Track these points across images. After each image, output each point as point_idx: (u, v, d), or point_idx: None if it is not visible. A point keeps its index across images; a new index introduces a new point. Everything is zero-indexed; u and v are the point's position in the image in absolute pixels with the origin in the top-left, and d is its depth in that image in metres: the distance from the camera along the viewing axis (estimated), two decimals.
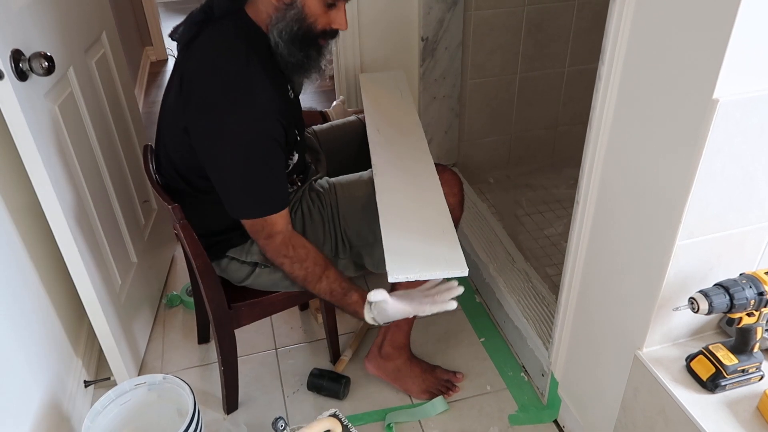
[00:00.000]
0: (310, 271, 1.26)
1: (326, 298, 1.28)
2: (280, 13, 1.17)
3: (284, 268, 1.27)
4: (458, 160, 2.35)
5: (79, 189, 1.42)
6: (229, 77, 1.16)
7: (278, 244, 1.24)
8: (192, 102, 1.17)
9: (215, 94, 1.15)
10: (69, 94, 1.41)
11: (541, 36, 2.18)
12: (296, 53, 1.20)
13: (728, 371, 1.01)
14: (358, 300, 1.25)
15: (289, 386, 1.65)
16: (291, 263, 1.25)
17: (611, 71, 1.04)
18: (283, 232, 1.24)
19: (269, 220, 1.22)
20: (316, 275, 1.26)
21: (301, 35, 1.18)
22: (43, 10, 1.31)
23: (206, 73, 1.17)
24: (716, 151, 0.88)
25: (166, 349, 1.78)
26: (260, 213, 1.21)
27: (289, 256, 1.25)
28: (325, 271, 1.26)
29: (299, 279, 1.27)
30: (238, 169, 1.18)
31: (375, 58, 2.05)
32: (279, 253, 1.25)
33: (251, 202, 1.22)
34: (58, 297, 1.51)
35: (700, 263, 1.01)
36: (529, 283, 1.75)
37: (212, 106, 1.15)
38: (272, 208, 1.22)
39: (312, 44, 1.21)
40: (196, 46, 1.21)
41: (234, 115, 1.14)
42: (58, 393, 1.42)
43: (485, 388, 1.63)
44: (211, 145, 1.17)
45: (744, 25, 0.78)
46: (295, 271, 1.26)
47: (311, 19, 1.17)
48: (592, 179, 1.17)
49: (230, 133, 1.15)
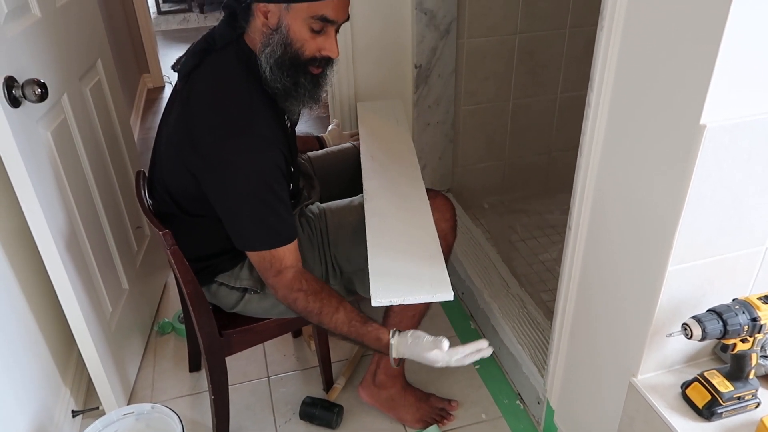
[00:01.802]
0: (326, 302, 1.21)
1: (344, 331, 1.21)
2: (266, 38, 1.16)
3: (298, 304, 1.21)
4: (452, 186, 2.35)
5: (71, 215, 1.41)
6: (230, 110, 1.15)
7: (290, 279, 1.20)
8: (197, 141, 1.16)
9: (219, 130, 1.14)
10: (62, 121, 1.41)
11: (534, 63, 2.21)
12: (283, 79, 1.17)
13: (724, 398, 0.99)
14: (380, 327, 1.21)
15: (281, 415, 1.62)
16: (306, 296, 1.20)
17: (600, 98, 1.05)
18: (294, 266, 1.21)
19: (277, 255, 1.19)
20: (332, 306, 1.21)
21: (288, 60, 1.16)
22: (38, 38, 1.32)
23: (208, 107, 1.17)
24: (705, 177, 0.88)
25: (157, 377, 1.76)
26: (268, 245, 1.18)
27: (303, 289, 1.20)
28: (341, 302, 1.22)
29: (314, 313, 1.21)
30: (246, 201, 1.16)
31: (369, 86, 2.06)
32: (292, 288, 1.20)
33: (259, 234, 1.19)
34: (47, 324, 1.49)
35: (693, 289, 1.01)
36: (524, 309, 1.74)
37: (217, 144, 1.14)
38: (280, 240, 1.19)
39: (301, 71, 1.18)
40: (197, 77, 1.20)
41: (239, 148, 1.13)
42: (44, 423, 1.39)
43: (480, 417, 1.60)
44: (220, 184, 1.16)
45: (729, 51, 0.79)
46: (310, 304, 1.21)
47: (298, 44, 1.15)
48: (583, 205, 1.17)
49: (237, 166, 1.13)
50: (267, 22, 1.15)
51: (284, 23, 1.14)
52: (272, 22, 1.15)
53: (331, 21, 1.14)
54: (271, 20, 1.15)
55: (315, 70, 1.20)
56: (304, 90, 1.20)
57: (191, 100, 1.19)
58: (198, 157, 1.17)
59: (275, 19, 1.14)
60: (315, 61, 1.19)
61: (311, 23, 1.13)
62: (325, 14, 1.13)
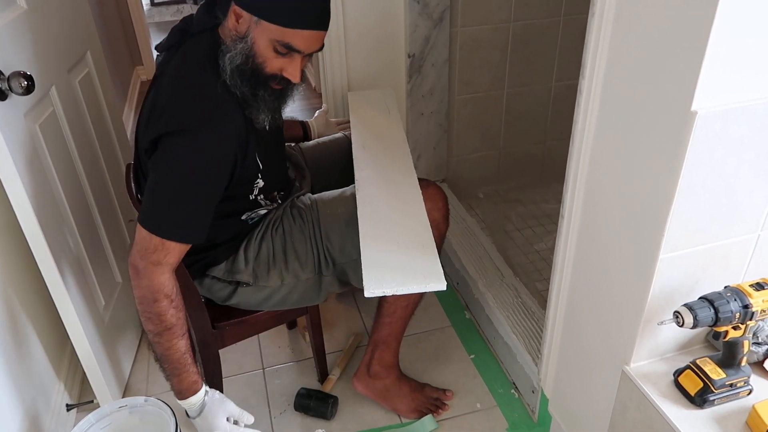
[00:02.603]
0: (181, 322, 1.18)
1: (176, 357, 1.19)
2: (233, 41, 1.13)
3: (157, 306, 1.15)
4: (447, 176, 2.34)
5: (61, 208, 1.40)
6: (194, 99, 1.13)
7: (165, 279, 1.14)
8: (154, 121, 1.14)
9: (176, 114, 1.12)
10: (51, 114, 1.40)
11: (528, 52, 2.20)
12: (241, 86, 1.14)
13: (716, 386, 0.99)
14: (198, 379, 1.22)
15: (276, 407, 1.62)
16: (169, 304, 1.15)
17: (591, 86, 1.04)
18: (173, 266, 1.15)
19: (167, 246, 1.13)
20: (183, 329, 1.18)
21: (248, 71, 1.13)
22: (24, 30, 1.31)
23: (173, 93, 1.15)
24: (697, 164, 0.88)
25: (152, 370, 1.75)
26: (167, 233, 1.12)
27: (171, 297, 1.15)
28: (188, 330, 1.20)
29: (166, 325, 1.16)
30: (166, 185, 1.13)
31: (362, 76, 2.05)
32: (161, 289, 1.13)
33: (165, 218, 1.13)
34: (41, 318, 1.49)
35: (685, 277, 1.01)
36: (519, 298, 1.74)
37: (168, 125, 1.11)
38: (180, 235, 1.13)
39: (260, 84, 1.15)
40: (172, 62, 1.20)
41: (183, 136, 1.10)
42: (38, 417, 1.39)
43: (475, 406, 1.60)
44: (154, 159, 1.14)
45: (720, 37, 0.78)
46: (168, 316, 1.16)
47: (260, 59, 1.12)
48: (576, 194, 1.16)
49: (173, 152, 1.11)
50: (237, 27, 1.13)
51: (251, 35, 1.11)
52: (241, 28, 1.12)
53: (296, 50, 1.12)
54: (241, 26, 1.12)
55: (275, 85, 1.17)
56: (263, 102, 1.17)
57: (160, 87, 1.18)
58: (150, 132, 1.14)
59: (244, 27, 1.12)
60: (276, 78, 1.16)
61: (276, 45, 1.11)
62: (291, 43, 1.11)
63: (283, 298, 1.38)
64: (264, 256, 1.35)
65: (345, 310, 1.95)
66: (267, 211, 1.36)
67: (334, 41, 1.95)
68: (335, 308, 1.95)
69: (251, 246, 1.35)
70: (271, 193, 1.34)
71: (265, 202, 1.32)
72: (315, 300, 1.42)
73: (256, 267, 1.35)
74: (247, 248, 1.35)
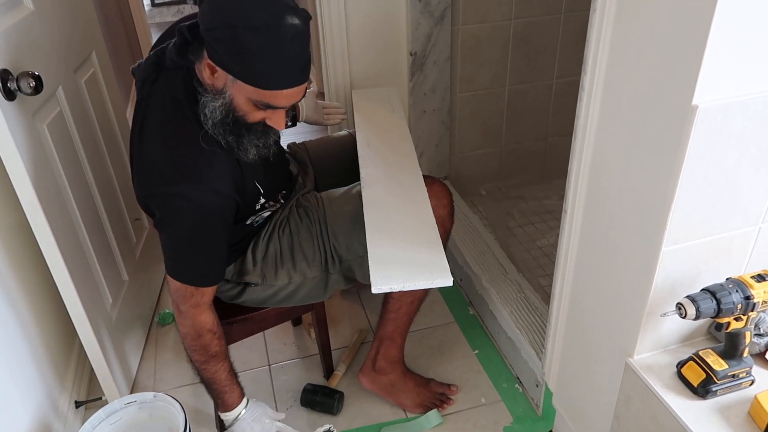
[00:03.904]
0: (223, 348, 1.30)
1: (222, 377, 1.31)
2: (210, 94, 1.10)
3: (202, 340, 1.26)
4: (450, 173, 2.36)
5: (69, 208, 1.42)
6: (182, 160, 1.12)
7: (205, 317, 1.24)
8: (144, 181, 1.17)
9: (166, 168, 1.12)
10: (58, 113, 1.41)
11: (529, 49, 2.21)
12: (224, 136, 1.12)
13: (719, 377, 1.01)
14: (240, 395, 1.36)
15: (283, 402, 1.64)
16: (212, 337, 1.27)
17: (594, 81, 1.05)
18: (210, 303, 1.25)
19: (200, 290, 1.22)
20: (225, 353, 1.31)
21: (230, 122, 1.11)
22: (31, 30, 1.32)
23: (159, 148, 1.14)
24: (698, 157, 0.89)
25: (159, 367, 1.77)
26: (192, 282, 1.20)
27: (214, 331, 1.27)
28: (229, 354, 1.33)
29: (210, 354, 1.28)
30: (182, 241, 1.17)
31: (365, 74, 2.06)
32: (204, 326, 1.25)
33: (189, 270, 1.20)
34: (49, 316, 1.50)
35: (688, 269, 1.02)
36: (522, 293, 1.75)
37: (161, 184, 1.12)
38: (205, 282, 1.22)
39: (243, 130, 1.13)
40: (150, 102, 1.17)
41: (183, 195, 1.11)
42: (48, 415, 1.40)
43: (480, 401, 1.62)
44: (161, 220, 1.16)
45: (721, 31, 0.79)
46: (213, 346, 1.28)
47: (240, 112, 1.10)
48: (578, 188, 1.17)
49: (179, 210, 1.13)
50: (213, 80, 1.09)
51: (228, 92, 1.08)
52: (218, 83, 1.08)
53: (278, 107, 1.11)
54: (217, 81, 1.08)
55: (259, 128, 1.16)
56: (250, 143, 1.15)
57: (143, 134, 1.17)
58: (145, 195, 1.17)
59: (221, 84, 1.08)
60: (259, 125, 1.15)
61: (256, 103, 1.09)
62: (271, 103, 1.08)
63: (290, 296, 1.39)
64: (272, 256, 1.36)
65: (350, 307, 1.96)
66: (271, 212, 1.37)
67: (337, 41, 1.96)
68: (340, 305, 1.97)
69: (259, 247, 1.37)
70: (275, 196, 1.35)
71: (268, 204, 1.34)
72: (321, 297, 1.44)
73: (263, 267, 1.36)
74: (255, 249, 1.37)
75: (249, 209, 1.28)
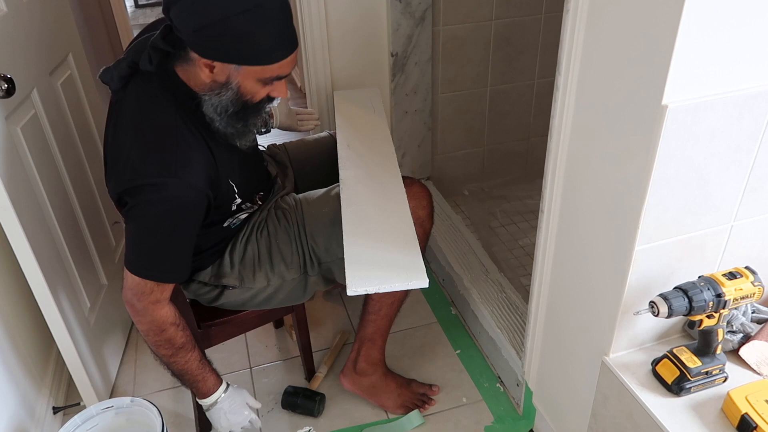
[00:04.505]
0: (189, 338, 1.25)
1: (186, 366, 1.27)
2: (213, 90, 1.12)
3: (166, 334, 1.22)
4: (432, 174, 2.36)
5: (44, 210, 1.40)
6: (156, 152, 1.11)
7: (167, 312, 1.20)
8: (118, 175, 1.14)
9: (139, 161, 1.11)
10: (33, 116, 1.40)
11: (510, 49, 2.22)
12: (235, 124, 1.16)
13: (692, 374, 1.01)
14: (216, 383, 1.33)
15: (264, 405, 1.63)
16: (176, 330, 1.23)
17: (567, 81, 1.06)
18: (168, 298, 1.21)
19: (162, 286, 1.18)
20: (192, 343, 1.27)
21: (240, 111, 1.15)
22: (4, 33, 1.31)
23: (134, 147, 1.12)
24: (669, 156, 0.90)
25: (139, 371, 1.76)
26: (159, 279, 1.17)
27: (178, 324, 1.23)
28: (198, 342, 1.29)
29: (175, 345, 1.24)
30: (150, 235, 1.14)
31: (346, 75, 2.06)
32: (167, 320, 1.20)
33: (154, 266, 1.16)
34: (25, 320, 1.48)
35: (662, 267, 1.03)
36: (503, 293, 1.76)
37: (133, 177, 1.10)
38: (172, 278, 1.19)
39: (251, 114, 1.17)
40: (124, 102, 1.16)
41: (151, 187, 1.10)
42: (24, 421, 1.38)
43: (461, 401, 1.62)
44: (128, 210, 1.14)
45: (688, 32, 0.80)
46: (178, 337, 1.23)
47: (248, 96, 1.13)
48: (554, 188, 1.18)
49: (145, 203, 1.11)
50: (213, 77, 1.10)
51: (234, 81, 1.10)
52: (220, 78, 1.10)
53: (282, 77, 1.14)
54: (219, 76, 1.10)
55: (264, 104, 1.19)
56: (254, 126, 1.21)
57: (117, 130, 1.17)
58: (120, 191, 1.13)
59: (223, 77, 1.10)
60: (264, 102, 1.18)
61: (263, 80, 1.12)
62: (279, 75, 1.12)
63: (269, 298, 1.38)
64: (249, 258, 1.36)
65: (332, 309, 1.96)
66: (249, 214, 1.36)
67: (317, 41, 1.96)
68: (322, 307, 1.96)
69: (236, 249, 1.36)
70: (251, 198, 1.34)
71: (245, 206, 1.32)
72: (300, 299, 1.43)
73: (241, 270, 1.35)
74: (233, 252, 1.36)
75: (224, 209, 1.26)
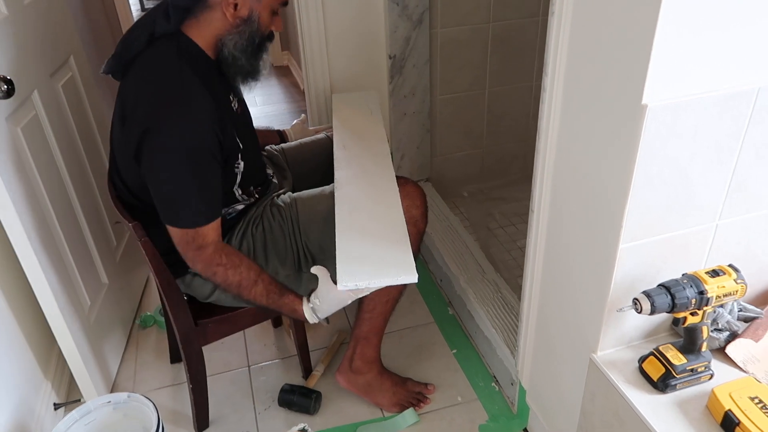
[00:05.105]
0: (244, 276, 1.27)
1: (263, 302, 1.30)
2: (236, 28, 1.24)
3: (217, 278, 1.27)
4: (431, 175, 2.38)
5: (44, 211, 1.43)
6: (161, 90, 1.19)
7: (210, 254, 1.25)
8: (129, 123, 1.20)
9: (148, 109, 1.18)
10: (33, 117, 1.43)
11: (508, 51, 2.23)
12: (253, 61, 1.29)
13: (677, 371, 1.02)
14: (295, 298, 1.30)
15: (261, 403, 1.65)
16: (225, 270, 1.26)
17: (554, 82, 1.08)
18: (214, 242, 1.25)
19: (200, 232, 1.23)
20: (251, 279, 1.28)
21: (257, 45, 1.27)
22: (4, 35, 1.34)
23: (140, 92, 1.21)
24: (651, 156, 0.91)
25: (139, 369, 1.78)
26: (190, 224, 1.22)
27: (222, 263, 1.26)
28: (260, 274, 1.29)
29: (234, 285, 1.28)
30: (172, 179, 1.19)
31: (344, 77, 2.08)
32: (212, 262, 1.25)
33: (180, 211, 1.22)
34: (27, 318, 1.51)
35: (646, 266, 1.04)
36: (499, 293, 1.77)
37: (146, 123, 1.17)
38: (201, 219, 1.22)
39: (263, 49, 1.30)
40: (133, 69, 1.24)
41: (165, 128, 1.16)
42: (25, 416, 1.41)
43: (456, 399, 1.63)
44: (149, 161, 1.19)
45: (666, 32, 0.82)
46: (229, 278, 1.26)
47: (263, 28, 1.27)
48: (543, 188, 1.19)
49: (162, 146, 1.17)
50: (237, 14, 1.22)
51: (255, 13, 1.24)
52: (243, 12, 1.23)
53: (284, 6, 1.30)
54: (242, 11, 1.22)
55: (267, 44, 1.32)
56: (263, 63, 1.32)
57: (127, 85, 1.25)
58: (131, 135, 1.19)
59: (246, 11, 1.23)
60: (271, 36, 1.32)
61: (275, 8, 1.27)
62: (284, 0, 1.28)
63: None
64: (244, 252, 1.38)
65: None
66: (244, 207, 1.39)
67: (316, 44, 1.98)
68: None
69: (232, 243, 1.38)
70: (248, 188, 1.37)
71: (242, 197, 1.36)
72: None
73: None
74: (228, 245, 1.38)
75: (229, 164, 1.29)
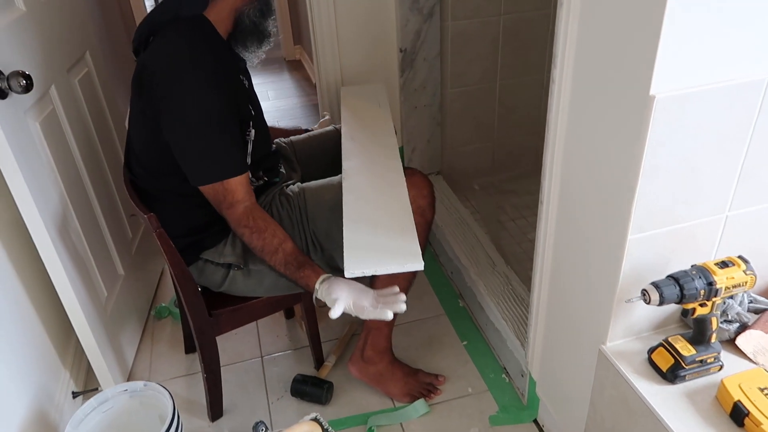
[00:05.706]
0: (267, 242, 1.29)
1: (282, 271, 1.31)
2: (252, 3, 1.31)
3: (244, 239, 1.31)
4: (442, 168, 2.38)
5: (62, 203, 1.46)
6: (177, 54, 1.22)
7: (240, 214, 1.28)
8: (146, 84, 1.24)
9: (166, 71, 1.21)
10: (51, 111, 1.45)
11: (519, 44, 2.23)
12: (271, 23, 1.36)
13: (686, 362, 1.03)
14: (311, 274, 1.29)
15: (274, 393, 1.68)
16: (250, 233, 1.29)
17: (562, 74, 1.08)
18: (243, 201, 1.29)
19: (228, 187, 1.26)
20: (273, 246, 1.30)
21: (269, 6, 1.35)
22: (22, 32, 1.36)
23: (156, 59, 1.24)
24: (659, 146, 0.91)
25: (154, 359, 1.81)
26: (218, 176, 1.25)
27: (249, 226, 1.29)
28: (282, 243, 1.30)
29: (257, 249, 1.31)
30: (195, 134, 1.23)
31: (355, 71, 2.09)
32: (240, 223, 1.29)
33: (208, 166, 1.26)
34: (46, 309, 1.54)
35: (655, 257, 1.04)
36: (509, 285, 1.78)
37: (163, 86, 1.20)
38: (229, 171, 1.26)
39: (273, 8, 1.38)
40: (151, 45, 1.29)
41: (184, 88, 1.19)
42: (44, 404, 1.45)
43: (467, 390, 1.65)
44: (170, 116, 1.22)
45: (673, 22, 0.82)
46: (254, 241, 1.30)
47: None
48: (552, 179, 1.20)
49: (181, 106, 1.20)
50: None
51: None
52: None
53: None
54: None
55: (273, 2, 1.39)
56: (275, 22, 1.40)
57: (145, 61, 1.27)
58: (150, 101, 1.23)
59: None
60: None
61: None
62: None
63: (275, 283, 1.42)
64: None
65: None
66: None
67: (327, 38, 1.99)
68: None
69: None
70: (257, 172, 1.40)
71: (251, 180, 1.38)
72: None
73: (246, 250, 1.40)
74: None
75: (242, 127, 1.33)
